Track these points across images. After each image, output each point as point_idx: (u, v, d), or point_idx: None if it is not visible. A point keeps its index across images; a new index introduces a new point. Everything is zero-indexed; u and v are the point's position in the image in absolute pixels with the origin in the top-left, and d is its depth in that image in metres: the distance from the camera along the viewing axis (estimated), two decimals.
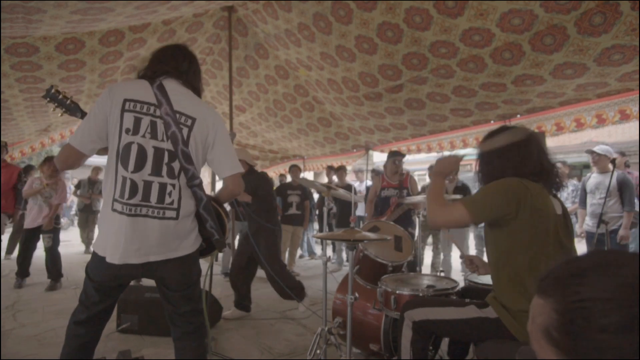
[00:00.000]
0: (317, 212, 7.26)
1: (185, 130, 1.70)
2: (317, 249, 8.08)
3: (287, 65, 5.21)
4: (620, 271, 0.55)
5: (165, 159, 1.67)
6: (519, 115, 4.51)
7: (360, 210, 7.50)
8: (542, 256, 1.62)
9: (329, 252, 7.46)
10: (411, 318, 1.94)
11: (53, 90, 1.98)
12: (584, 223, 4.63)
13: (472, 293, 2.23)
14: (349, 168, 7.49)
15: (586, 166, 16.59)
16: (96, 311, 1.73)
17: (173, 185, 1.69)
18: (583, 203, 4.61)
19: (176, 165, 1.69)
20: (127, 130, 1.64)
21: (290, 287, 3.84)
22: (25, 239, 5.05)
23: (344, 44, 4.04)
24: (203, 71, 6.06)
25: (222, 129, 1.81)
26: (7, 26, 3.06)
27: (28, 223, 4.98)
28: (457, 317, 1.82)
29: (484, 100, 4.23)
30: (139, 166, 1.64)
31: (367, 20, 3.60)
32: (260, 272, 4.17)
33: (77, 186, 8.24)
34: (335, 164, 7.21)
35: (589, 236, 4.46)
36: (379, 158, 13.18)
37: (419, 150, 5.94)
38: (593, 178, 4.49)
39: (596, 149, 4.37)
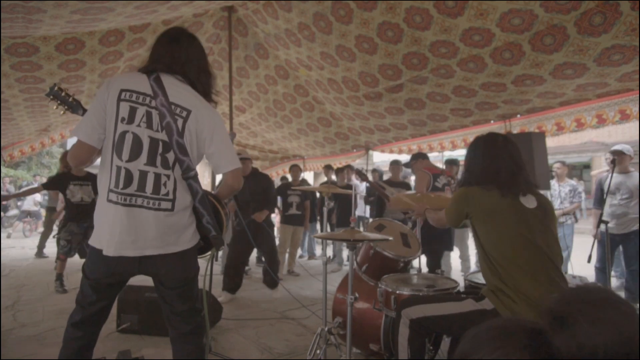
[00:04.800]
0: (318, 212, 7.26)
1: (180, 122, 1.68)
2: (318, 249, 8.08)
3: (287, 65, 5.21)
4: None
5: (160, 150, 1.66)
6: (519, 115, 4.51)
7: (360, 210, 7.49)
8: (509, 247, 1.77)
9: (329, 252, 7.46)
10: (408, 316, 1.94)
11: (56, 88, 2.00)
12: (600, 224, 4.48)
13: (472, 293, 2.23)
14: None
15: (586, 166, 16.57)
16: (92, 311, 1.70)
17: (168, 176, 1.67)
18: (598, 203, 4.45)
19: (170, 156, 1.67)
20: (122, 119, 1.64)
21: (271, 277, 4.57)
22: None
23: (344, 43, 4.04)
24: None
25: (220, 124, 1.78)
26: (7, 26, 3.06)
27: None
28: (455, 312, 1.83)
29: (484, 100, 4.23)
30: (134, 155, 1.63)
31: (367, 20, 3.60)
32: (260, 272, 4.27)
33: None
34: (335, 165, 7.21)
35: (604, 236, 4.26)
36: (379, 158, 13.17)
37: (419, 150, 5.94)
38: (613, 178, 4.36)
39: (622, 148, 4.21)
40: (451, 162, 5.43)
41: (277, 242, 6.12)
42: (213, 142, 1.75)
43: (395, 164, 5.79)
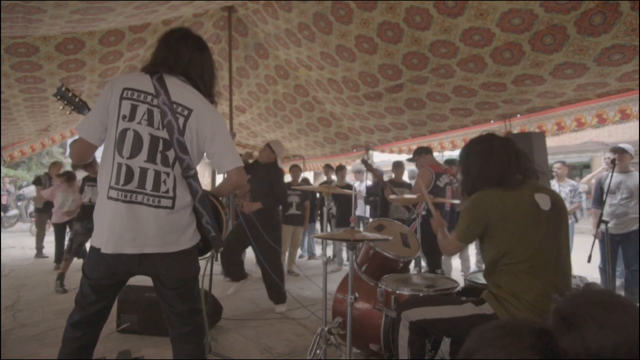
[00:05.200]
0: (318, 211, 7.26)
1: (181, 120, 1.68)
2: (318, 249, 8.07)
3: (287, 65, 5.21)
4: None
5: (160, 147, 1.66)
6: (519, 115, 4.51)
7: (360, 211, 7.50)
8: (527, 252, 1.72)
9: (329, 252, 7.46)
10: (408, 318, 1.94)
11: (63, 89, 2.03)
12: (601, 223, 4.48)
13: (472, 293, 2.22)
14: (348, 168, 7.47)
15: (586, 166, 16.56)
16: (91, 312, 1.70)
17: (167, 174, 1.67)
18: (598, 203, 4.42)
19: (171, 154, 1.67)
20: (124, 117, 1.65)
21: (278, 288, 4.11)
22: (57, 233, 6.08)
23: (344, 43, 4.04)
24: None
25: (222, 123, 1.78)
26: (7, 26, 3.06)
27: (56, 219, 5.87)
28: (455, 315, 1.82)
29: (484, 100, 4.23)
30: (135, 152, 1.64)
31: (367, 20, 3.60)
32: (260, 272, 4.22)
33: (36, 182, 7.28)
34: (335, 165, 7.21)
35: (605, 237, 4.26)
36: (379, 158, 13.17)
37: None
38: (613, 177, 4.36)
39: (624, 146, 4.20)
40: (451, 162, 5.41)
41: None
42: (215, 142, 1.74)
43: (398, 166, 5.79)
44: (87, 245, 3.94)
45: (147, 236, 1.62)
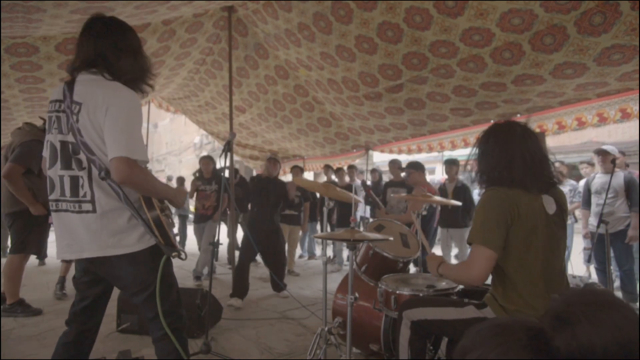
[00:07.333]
0: (318, 211, 7.26)
1: (75, 119, 1.60)
2: (318, 250, 8.07)
3: (287, 65, 5.21)
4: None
5: (71, 151, 1.63)
6: (519, 115, 4.51)
7: (360, 211, 7.50)
8: (530, 256, 1.64)
9: (329, 252, 7.46)
10: (409, 318, 1.94)
11: None
12: (588, 223, 4.58)
13: (472, 294, 2.22)
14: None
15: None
16: (76, 310, 1.78)
17: (82, 178, 1.62)
18: (587, 203, 4.57)
19: (82, 157, 1.62)
20: (47, 130, 1.71)
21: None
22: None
23: (344, 43, 4.04)
24: (203, 71, 6.08)
25: (116, 106, 1.56)
26: (7, 26, 3.06)
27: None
28: (456, 317, 1.82)
29: (484, 99, 4.23)
30: (53, 162, 1.67)
31: (367, 20, 3.60)
32: (259, 273, 4.24)
33: None
34: (335, 165, 7.22)
35: (594, 237, 4.39)
36: (379, 158, 13.15)
37: (419, 150, 5.94)
38: (598, 178, 4.44)
39: (606, 148, 4.30)
40: (451, 162, 5.42)
41: None
42: (105, 129, 1.56)
43: (393, 164, 5.77)
44: None
45: (82, 241, 1.62)
